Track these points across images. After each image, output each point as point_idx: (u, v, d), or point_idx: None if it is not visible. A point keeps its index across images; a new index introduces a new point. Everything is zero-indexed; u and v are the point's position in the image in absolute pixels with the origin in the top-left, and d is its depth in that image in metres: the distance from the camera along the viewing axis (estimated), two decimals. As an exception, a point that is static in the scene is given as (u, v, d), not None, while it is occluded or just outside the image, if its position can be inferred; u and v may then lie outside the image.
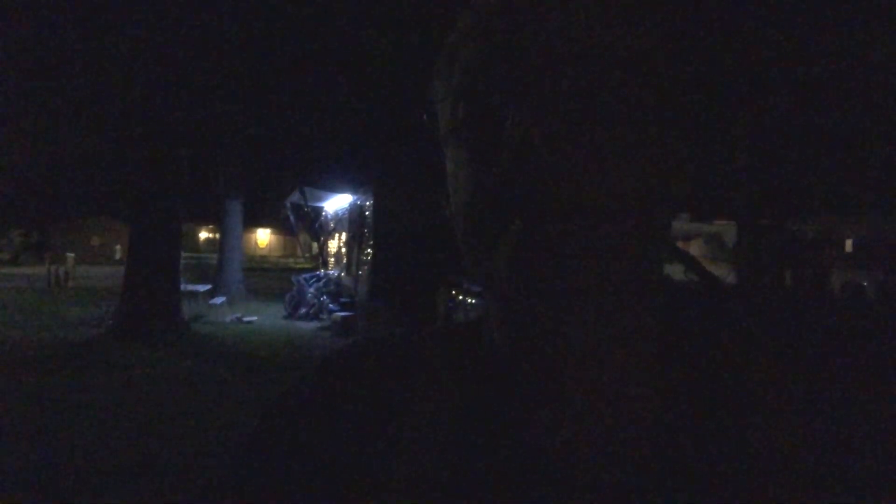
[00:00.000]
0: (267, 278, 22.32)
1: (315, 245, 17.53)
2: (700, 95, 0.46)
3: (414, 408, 0.48)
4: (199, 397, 6.29)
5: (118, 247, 35.03)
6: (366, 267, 12.30)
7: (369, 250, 11.92)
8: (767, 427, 0.44)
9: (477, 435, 0.46)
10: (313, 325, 12.10)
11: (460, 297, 8.06)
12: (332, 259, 17.68)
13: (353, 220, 14.63)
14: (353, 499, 0.46)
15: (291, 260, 42.46)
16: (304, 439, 0.50)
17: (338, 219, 17.36)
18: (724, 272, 12.99)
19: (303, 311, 12.94)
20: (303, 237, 20.44)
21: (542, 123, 0.39)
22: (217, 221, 18.86)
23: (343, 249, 16.52)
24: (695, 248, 15.59)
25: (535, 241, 0.40)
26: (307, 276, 14.15)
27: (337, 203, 16.44)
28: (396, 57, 10.56)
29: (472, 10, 0.45)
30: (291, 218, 17.13)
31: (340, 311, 11.97)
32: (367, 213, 12.84)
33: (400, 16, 10.26)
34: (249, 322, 12.13)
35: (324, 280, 13.91)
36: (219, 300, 13.64)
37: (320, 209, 17.63)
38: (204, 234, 54.01)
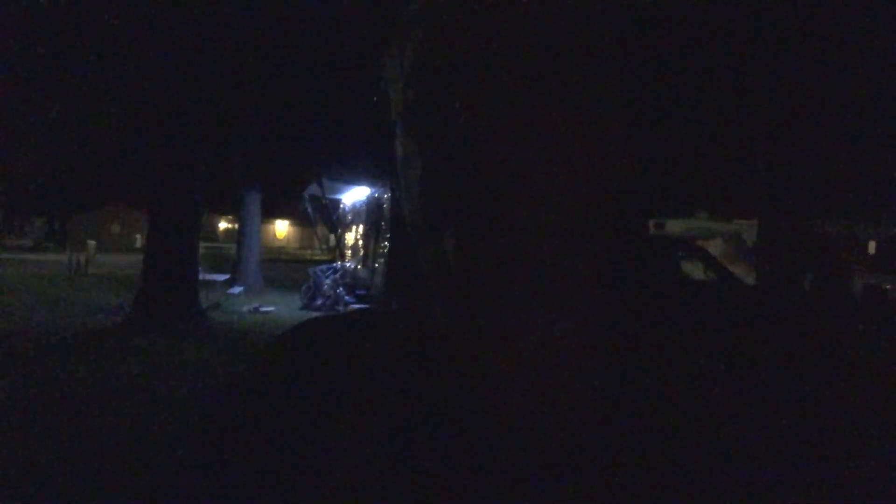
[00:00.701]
0: (285, 269, 22.43)
1: (332, 237, 17.61)
2: (651, 86, 0.47)
3: (356, 387, 0.49)
4: (215, 386, 6.34)
5: (138, 235, 35.39)
6: (382, 259, 12.33)
7: (386, 242, 11.95)
8: (702, 414, 0.45)
9: (416, 408, 0.46)
10: (329, 316, 12.12)
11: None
12: (349, 251, 17.75)
13: (370, 213, 14.67)
14: (296, 480, 0.46)
15: (309, 251, 42.68)
16: (253, 416, 0.50)
17: (355, 211, 17.43)
18: (743, 272, 12.85)
19: (318, 302, 13.00)
20: (320, 229, 20.54)
21: (491, 107, 0.40)
22: (236, 212, 19.01)
23: (360, 241, 16.59)
24: (714, 248, 15.45)
25: (483, 222, 0.40)
26: (323, 267, 14.20)
27: (355, 195, 16.49)
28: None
29: None
30: (309, 209, 17.20)
31: (356, 302, 12.00)
32: (384, 205, 12.87)
33: None
34: (266, 312, 12.21)
35: (340, 272, 13.96)
36: (236, 290, 13.75)
37: (338, 201, 17.70)
38: (223, 224, 54.43)
